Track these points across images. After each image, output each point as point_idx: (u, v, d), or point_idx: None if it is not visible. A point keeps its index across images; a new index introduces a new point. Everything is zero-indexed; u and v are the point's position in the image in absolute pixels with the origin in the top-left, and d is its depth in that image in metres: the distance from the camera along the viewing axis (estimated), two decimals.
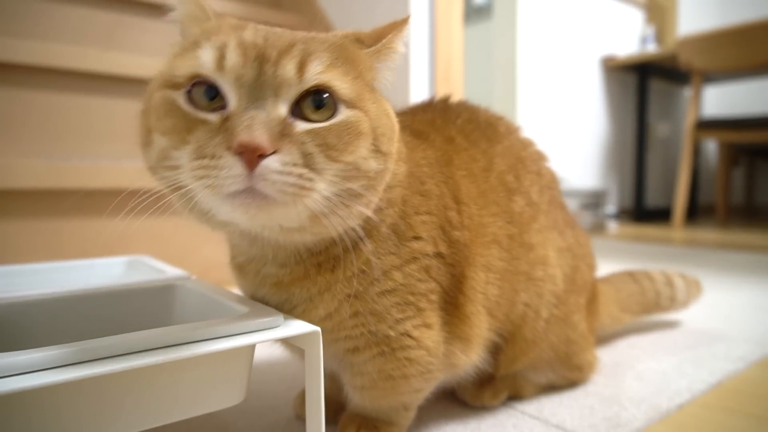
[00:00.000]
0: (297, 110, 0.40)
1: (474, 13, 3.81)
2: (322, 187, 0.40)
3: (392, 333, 0.50)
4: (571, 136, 3.27)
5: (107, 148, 1.30)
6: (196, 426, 0.61)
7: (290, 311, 0.49)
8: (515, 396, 0.68)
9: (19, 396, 0.33)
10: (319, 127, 0.40)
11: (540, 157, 0.71)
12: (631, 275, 0.99)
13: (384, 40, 0.47)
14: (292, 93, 0.40)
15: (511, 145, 0.67)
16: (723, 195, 3.60)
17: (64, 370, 0.34)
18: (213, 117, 0.39)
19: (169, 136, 0.40)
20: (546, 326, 0.64)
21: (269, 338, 0.43)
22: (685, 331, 0.99)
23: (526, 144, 0.70)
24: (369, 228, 0.48)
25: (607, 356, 0.85)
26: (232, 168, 0.36)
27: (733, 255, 1.97)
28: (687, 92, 4.05)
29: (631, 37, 3.70)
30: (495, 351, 0.63)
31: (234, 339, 0.41)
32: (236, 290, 0.56)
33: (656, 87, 3.80)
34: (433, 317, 0.52)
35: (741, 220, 3.63)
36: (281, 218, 0.41)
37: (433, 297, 0.52)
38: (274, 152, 0.37)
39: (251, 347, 0.44)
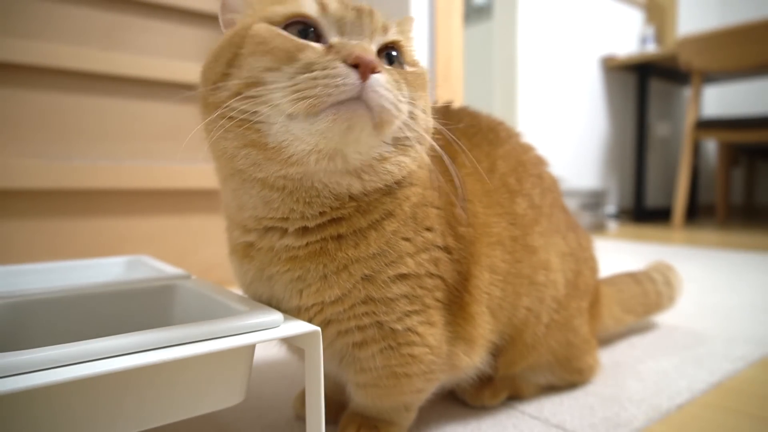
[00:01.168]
0: None
1: (474, 13, 3.81)
2: (404, 115, 0.45)
3: (399, 327, 0.50)
4: (570, 136, 3.27)
5: (107, 148, 1.30)
6: (196, 426, 0.61)
7: (302, 290, 0.49)
8: (515, 396, 0.68)
9: (19, 396, 0.33)
10: (399, 69, 0.47)
11: (540, 162, 0.71)
12: (632, 276, 0.99)
13: (403, 24, 0.52)
14: (380, 40, 0.46)
15: (513, 149, 0.67)
16: (723, 195, 3.60)
17: (64, 370, 0.34)
18: (316, 45, 0.43)
19: (272, 55, 0.43)
20: (546, 331, 0.64)
21: (269, 338, 0.43)
22: (685, 331, 0.99)
23: (527, 148, 0.70)
24: (394, 205, 0.49)
25: (607, 356, 0.85)
26: (348, 77, 0.40)
27: (733, 255, 1.97)
28: (687, 92, 4.06)
29: (630, 37, 3.70)
30: (495, 353, 0.63)
31: (234, 339, 0.41)
32: (236, 290, 0.56)
33: (656, 87, 3.81)
34: (437, 316, 0.52)
35: (741, 220, 3.63)
36: (368, 138, 0.44)
37: (438, 294, 0.52)
38: (379, 72, 0.42)
39: (251, 347, 0.44)
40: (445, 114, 0.68)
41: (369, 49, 0.43)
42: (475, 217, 0.56)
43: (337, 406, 0.61)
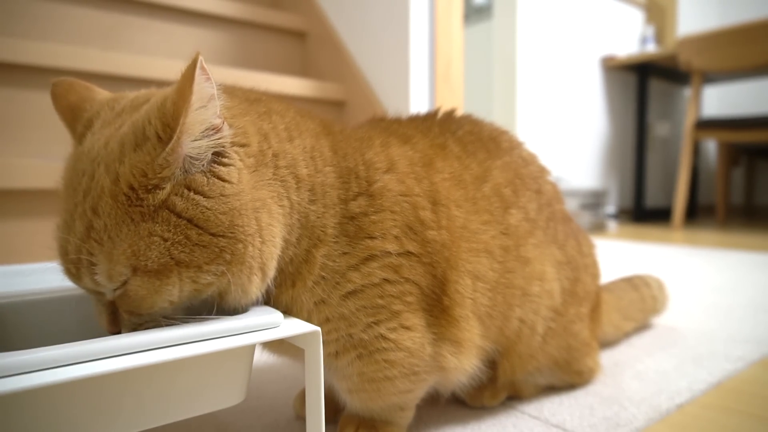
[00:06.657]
0: None
1: (474, 13, 3.81)
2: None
3: (365, 336, 0.50)
4: (570, 136, 3.27)
5: None
6: (196, 426, 0.61)
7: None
8: (515, 396, 0.68)
9: (19, 396, 0.33)
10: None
11: (541, 174, 0.70)
12: (629, 282, 0.99)
13: None
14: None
15: (512, 161, 0.66)
16: (723, 195, 3.60)
17: (64, 370, 0.34)
18: None
19: None
20: (542, 341, 0.64)
21: (269, 338, 0.43)
22: (685, 331, 0.99)
23: (528, 161, 0.69)
24: (317, 232, 0.49)
25: (606, 356, 0.85)
26: None
27: (733, 255, 1.97)
28: (687, 92, 4.06)
29: (631, 37, 3.70)
30: (491, 364, 0.62)
31: (234, 339, 0.41)
32: None
33: (656, 87, 3.81)
34: (413, 319, 0.52)
35: (741, 220, 3.63)
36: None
37: (410, 299, 0.51)
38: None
39: (251, 347, 0.44)
40: (446, 119, 0.67)
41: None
42: (450, 221, 0.55)
43: (336, 405, 0.61)
